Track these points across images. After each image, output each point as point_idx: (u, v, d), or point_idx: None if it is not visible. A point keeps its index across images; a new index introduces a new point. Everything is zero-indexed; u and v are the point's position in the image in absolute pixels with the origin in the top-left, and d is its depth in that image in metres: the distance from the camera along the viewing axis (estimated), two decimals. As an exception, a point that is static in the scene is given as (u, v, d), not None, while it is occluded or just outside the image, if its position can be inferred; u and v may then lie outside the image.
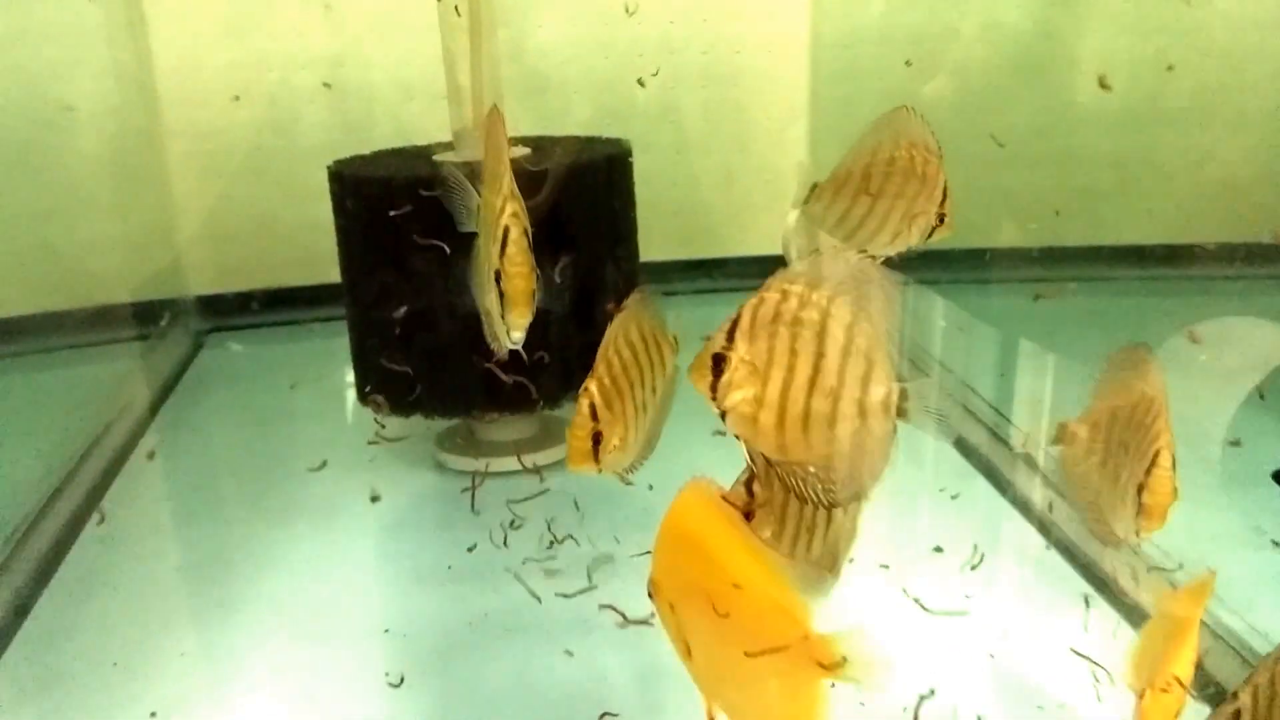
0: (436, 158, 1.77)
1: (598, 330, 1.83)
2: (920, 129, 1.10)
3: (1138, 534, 0.92)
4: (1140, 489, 0.90)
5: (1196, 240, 2.26)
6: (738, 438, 0.82)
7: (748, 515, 0.83)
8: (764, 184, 2.79)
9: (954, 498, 1.67)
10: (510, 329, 0.95)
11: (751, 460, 0.84)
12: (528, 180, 1.64)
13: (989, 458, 1.80)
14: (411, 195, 1.63)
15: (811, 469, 0.78)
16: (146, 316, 2.48)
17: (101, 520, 1.70)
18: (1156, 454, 0.89)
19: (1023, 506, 1.64)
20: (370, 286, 1.74)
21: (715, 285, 2.75)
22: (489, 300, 0.97)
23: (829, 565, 0.91)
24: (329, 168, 1.75)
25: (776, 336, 0.78)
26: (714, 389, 0.79)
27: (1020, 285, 2.41)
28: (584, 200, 1.71)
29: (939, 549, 1.50)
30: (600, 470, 0.94)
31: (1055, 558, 1.48)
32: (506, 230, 0.92)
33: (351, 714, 1.21)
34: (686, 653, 0.75)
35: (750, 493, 0.86)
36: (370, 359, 1.78)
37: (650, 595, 0.78)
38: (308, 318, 2.63)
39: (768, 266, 2.57)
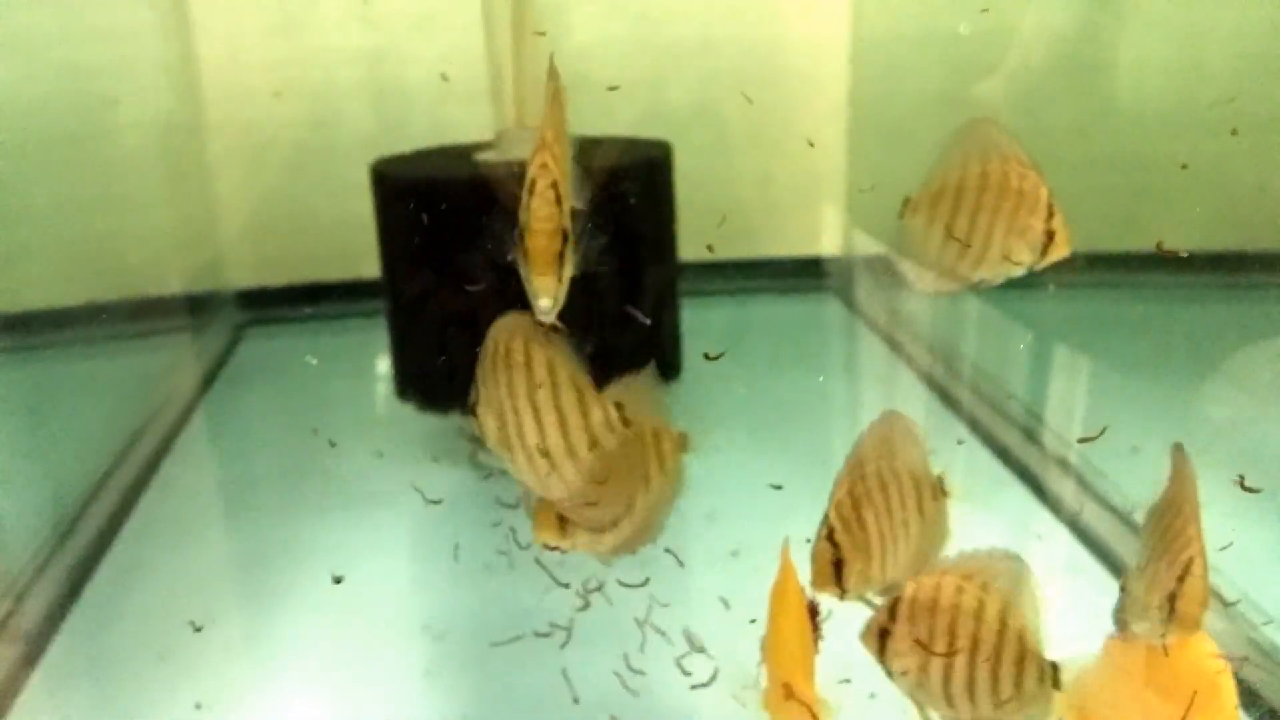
0: (478, 156, 1.78)
1: (634, 334, 1.84)
2: (1006, 140, 1.05)
3: (1164, 638, 0.91)
4: (1173, 597, 0.89)
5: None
6: None
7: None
8: (801, 184, 2.78)
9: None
10: (534, 296, 0.83)
11: None
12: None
13: (1024, 461, 1.79)
14: (455, 195, 1.64)
15: None
16: (188, 309, 2.51)
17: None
18: (1190, 562, 0.88)
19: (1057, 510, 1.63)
20: (411, 285, 1.76)
21: (750, 286, 2.74)
22: (520, 261, 0.84)
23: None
24: (371, 166, 1.77)
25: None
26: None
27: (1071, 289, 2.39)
28: (624, 202, 1.72)
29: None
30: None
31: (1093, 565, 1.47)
32: (533, 182, 0.83)
33: (390, 709, 1.22)
34: None
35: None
36: (409, 357, 1.80)
37: None
38: (346, 312, 2.65)
39: (804, 268, 2.56)
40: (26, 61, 2.12)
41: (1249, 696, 1.18)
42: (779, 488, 1.53)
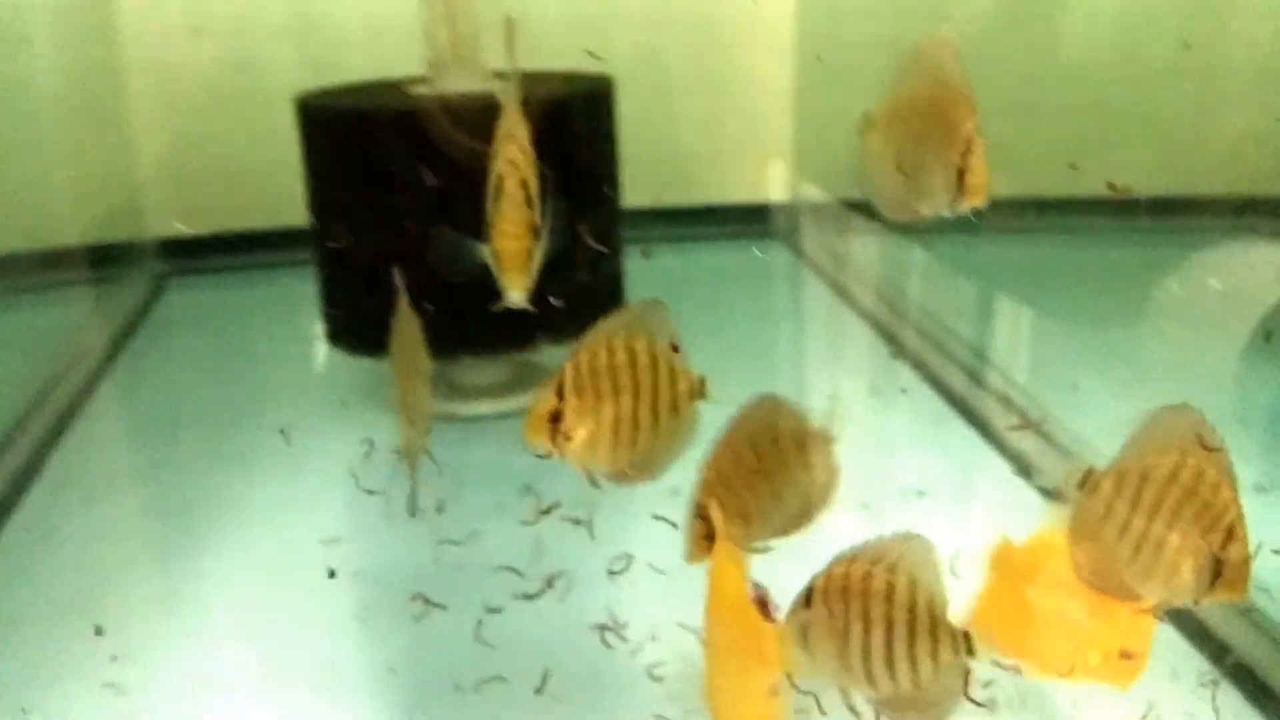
0: (410, 89, 1.70)
1: (577, 274, 1.78)
2: (952, 66, 0.95)
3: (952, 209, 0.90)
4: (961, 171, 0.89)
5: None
6: None
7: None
8: (745, 129, 2.72)
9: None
10: (504, 291, 0.88)
11: None
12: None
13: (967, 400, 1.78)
14: (384, 127, 1.56)
15: None
16: (104, 259, 2.39)
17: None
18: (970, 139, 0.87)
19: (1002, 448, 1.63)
20: (339, 224, 1.68)
21: (695, 234, 2.69)
22: (488, 253, 0.88)
23: None
24: (296, 98, 1.68)
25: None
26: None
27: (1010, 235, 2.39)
28: (564, 138, 1.65)
29: (921, 493, 1.47)
30: (556, 453, 0.89)
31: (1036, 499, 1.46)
32: (501, 180, 0.84)
33: (320, 656, 1.17)
34: None
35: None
36: (339, 299, 1.72)
37: None
38: (274, 261, 2.54)
39: (749, 214, 2.51)
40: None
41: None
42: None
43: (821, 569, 0.94)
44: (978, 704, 0.96)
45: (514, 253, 0.86)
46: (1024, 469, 1.55)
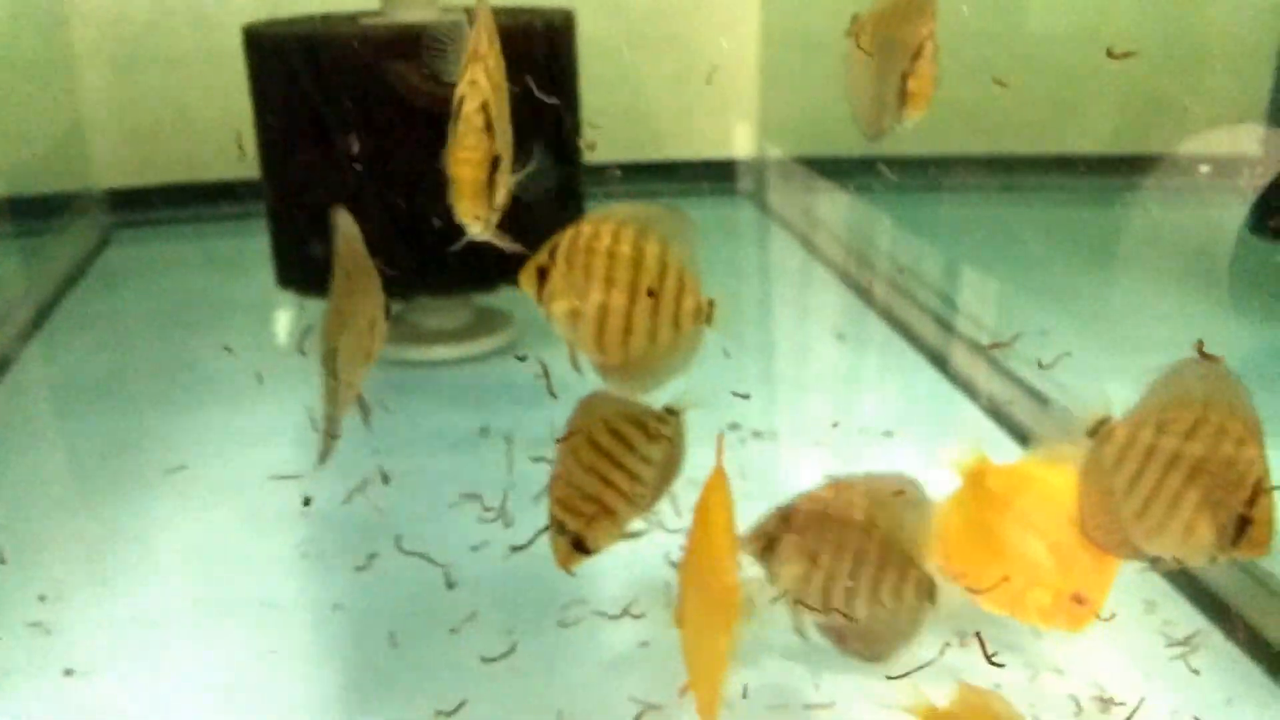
0: (362, 20, 1.63)
1: (538, 214, 1.72)
2: None
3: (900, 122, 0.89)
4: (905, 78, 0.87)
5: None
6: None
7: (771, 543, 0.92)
8: (710, 87, 2.67)
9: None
10: (458, 220, 0.80)
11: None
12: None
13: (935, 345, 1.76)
14: (334, 57, 1.50)
15: None
16: (46, 209, 2.29)
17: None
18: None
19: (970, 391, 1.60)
20: (291, 160, 1.61)
21: (661, 190, 2.64)
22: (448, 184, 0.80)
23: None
24: (244, 28, 1.60)
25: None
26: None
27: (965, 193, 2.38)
28: (522, 71, 1.59)
29: (889, 433, 1.45)
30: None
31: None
32: (461, 100, 0.76)
33: (267, 592, 1.11)
34: None
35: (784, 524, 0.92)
36: (289, 239, 1.66)
37: None
38: (226, 213, 2.46)
39: (716, 170, 2.46)
40: None
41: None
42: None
43: (807, 490, 0.93)
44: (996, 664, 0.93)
45: (470, 180, 0.78)
46: (994, 412, 1.53)
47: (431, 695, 0.95)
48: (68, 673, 0.99)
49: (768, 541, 0.92)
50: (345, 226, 0.93)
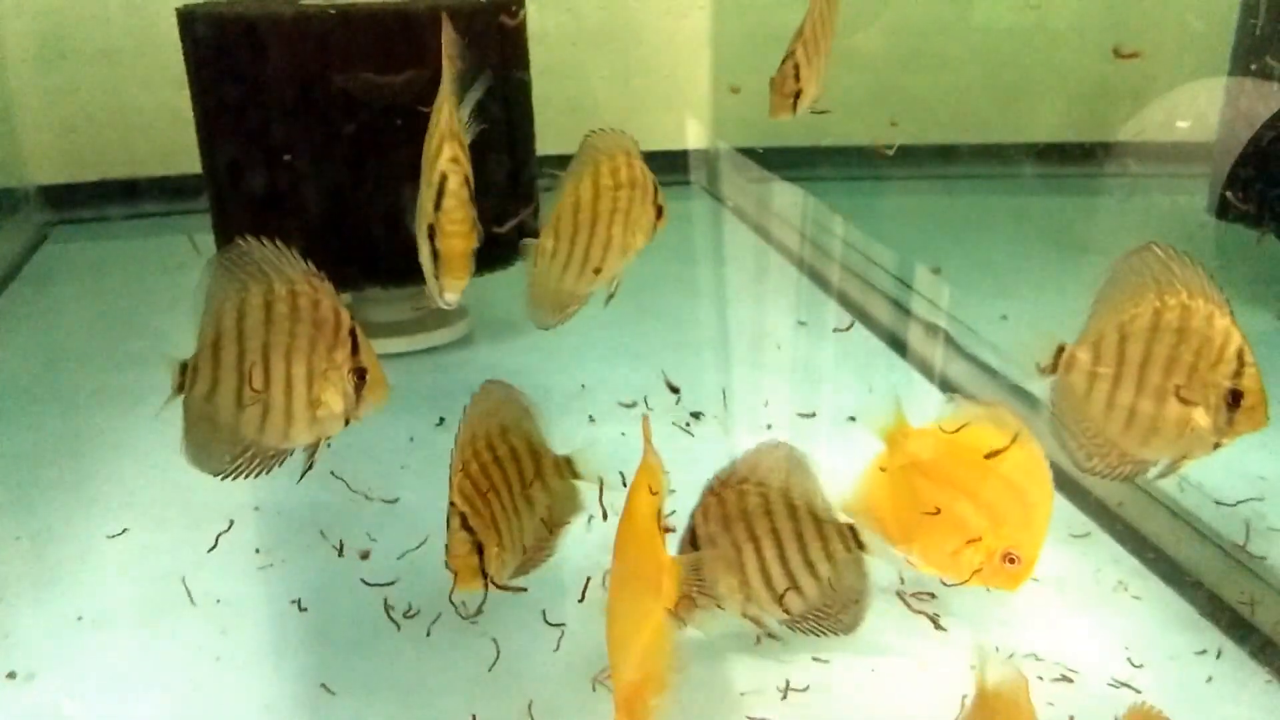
0: (303, 2, 1.59)
1: (487, 202, 1.70)
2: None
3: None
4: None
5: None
6: None
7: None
8: (663, 79, 2.67)
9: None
10: (444, 291, 0.82)
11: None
12: (407, 23, 1.49)
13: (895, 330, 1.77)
14: (273, 37, 1.46)
15: None
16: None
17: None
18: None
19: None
20: (232, 146, 1.57)
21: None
22: (423, 251, 0.81)
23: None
24: (179, 9, 1.56)
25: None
26: None
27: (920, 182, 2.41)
28: (470, 53, 1.57)
29: (852, 419, 1.45)
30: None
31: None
32: (444, 179, 0.77)
33: (216, 590, 1.08)
34: None
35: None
36: (234, 228, 1.61)
37: None
38: (167, 210, 2.40)
39: (664, 162, 2.44)
40: None
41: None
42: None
43: (694, 506, 0.92)
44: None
45: (460, 253, 0.79)
46: (955, 393, 1.54)
47: (391, 690, 0.92)
48: (10, 675, 0.95)
49: (693, 572, 0.89)
50: None
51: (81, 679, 0.95)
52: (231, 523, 1.19)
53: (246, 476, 0.84)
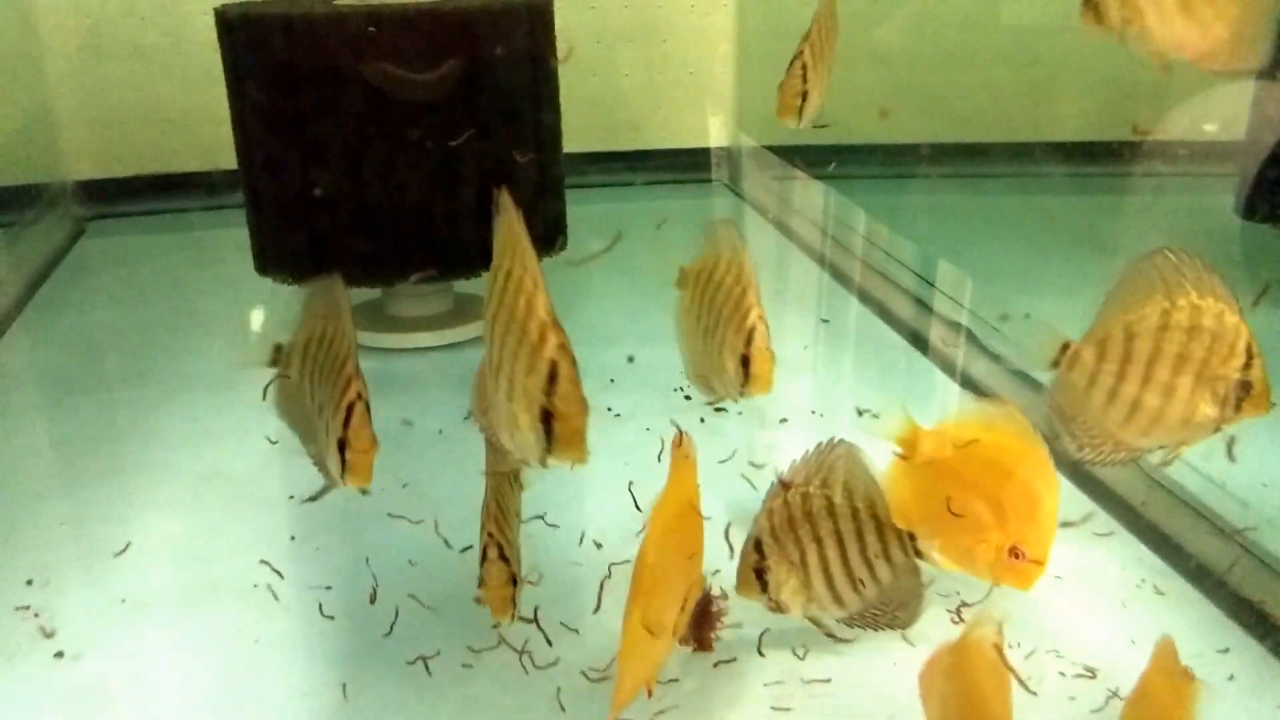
0: (338, 1, 1.62)
1: (519, 199, 1.72)
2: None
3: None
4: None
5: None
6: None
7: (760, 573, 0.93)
8: (686, 76, 2.69)
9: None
10: (553, 460, 0.77)
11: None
12: (437, 23, 1.52)
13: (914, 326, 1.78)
14: (311, 37, 1.49)
15: None
16: (16, 201, 2.26)
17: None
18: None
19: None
20: (267, 144, 1.60)
21: (638, 178, 2.65)
22: (523, 429, 0.77)
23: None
24: (217, 10, 1.59)
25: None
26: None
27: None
28: (500, 50, 1.59)
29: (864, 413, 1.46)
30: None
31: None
32: (555, 366, 0.74)
33: (253, 576, 1.11)
34: None
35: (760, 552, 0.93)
36: (267, 225, 1.64)
37: None
38: (200, 205, 2.44)
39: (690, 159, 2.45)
40: None
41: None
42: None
43: (760, 510, 0.93)
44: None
45: (581, 431, 0.75)
46: (976, 390, 1.55)
47: (425, 676, 0.95)
48: (58, 655, 0.98)
49: (756, 577, 0.93)
50: None
51: (125, 659, 0.98)
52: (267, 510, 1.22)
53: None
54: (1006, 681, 0.75)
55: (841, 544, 0.92)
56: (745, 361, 0.95)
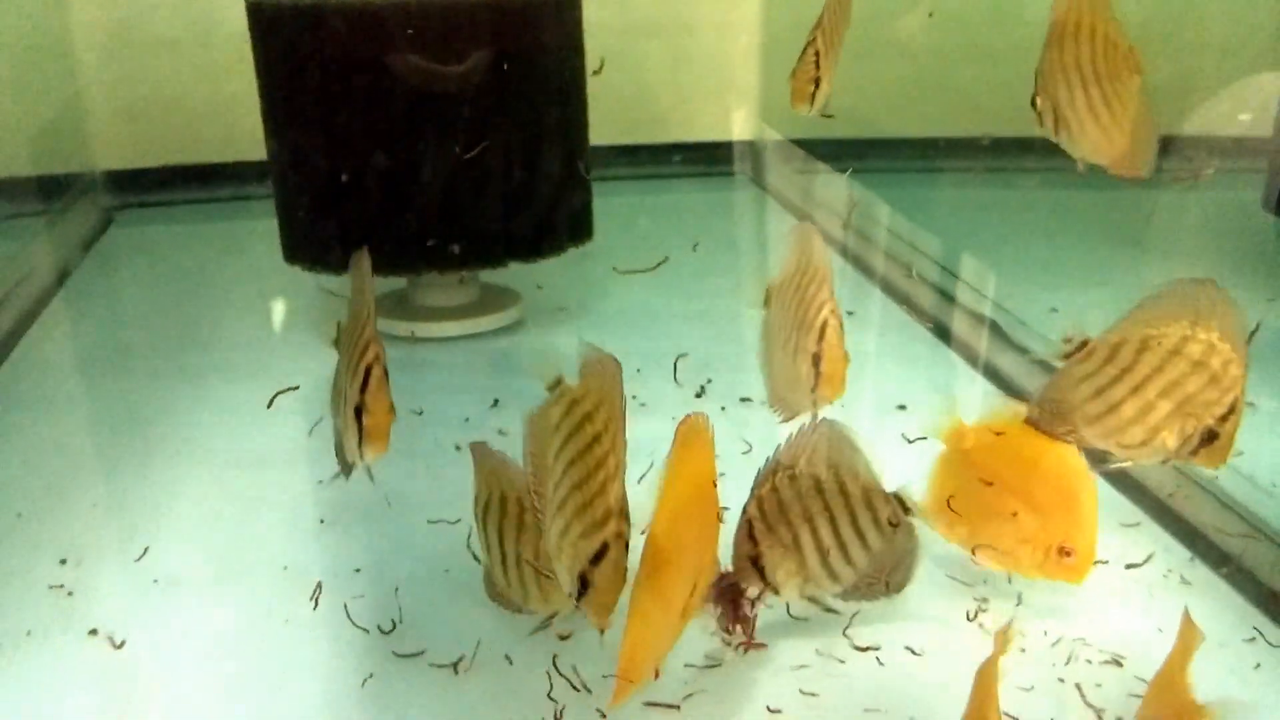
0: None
1: (542, 189, 1.73)
2: None
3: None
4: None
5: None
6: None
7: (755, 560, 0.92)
8: (712, 69, 2.69)
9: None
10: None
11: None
12: (467, 16, 1.53)
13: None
14: (341, 25, 1.50)
15: None
16: (47, 191, 2.29)
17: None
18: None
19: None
20: (296, 134, 1.61)
21: (664, 171, 2.66)
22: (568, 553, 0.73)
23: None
24: (248, 2, 1.60)
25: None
26: None
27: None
28: (530, 42, 1.60)
29: (902, 406, 1.46)
30: None
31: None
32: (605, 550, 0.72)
33: (283, 558, 1.12)
34: None
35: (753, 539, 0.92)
36: (296, 212, 1.66)
37: None
38: (228, 195, 2.47)
39: (715, 153, 2.46)
40: None
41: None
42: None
43: (748, 497, 0.93)
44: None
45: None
46: (1004, 386, 1.54)
47: (450, 655, 0.96)
48: (92, 633, 1.00)
49: (751, 563, 0.92)
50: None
51: (159, 638, 1.00)
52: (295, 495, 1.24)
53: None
54: None
55: (833, 519, 0.91)
56: (816, 361, 0.91)
